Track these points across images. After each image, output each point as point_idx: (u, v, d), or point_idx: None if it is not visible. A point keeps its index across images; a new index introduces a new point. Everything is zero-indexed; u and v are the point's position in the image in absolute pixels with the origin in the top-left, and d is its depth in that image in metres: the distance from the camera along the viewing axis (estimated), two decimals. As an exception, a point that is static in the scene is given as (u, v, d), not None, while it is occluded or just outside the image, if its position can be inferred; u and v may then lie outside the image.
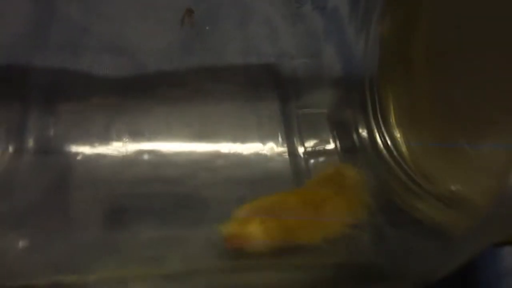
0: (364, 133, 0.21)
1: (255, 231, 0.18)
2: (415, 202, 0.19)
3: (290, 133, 0.21)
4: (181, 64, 0.22)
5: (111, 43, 0.22)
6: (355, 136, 0.21)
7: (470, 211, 0.17)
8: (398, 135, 0.20)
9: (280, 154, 0.21)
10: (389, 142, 0.20)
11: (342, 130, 0.21)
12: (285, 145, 0.21)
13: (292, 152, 0.21)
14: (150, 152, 0.21)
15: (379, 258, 0.18)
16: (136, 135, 0.21)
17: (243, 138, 0.21)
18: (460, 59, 0.18)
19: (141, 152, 0.21)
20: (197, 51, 0.22)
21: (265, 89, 0.22)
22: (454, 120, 0.19)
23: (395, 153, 0.20)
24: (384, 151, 0.21)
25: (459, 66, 0.18)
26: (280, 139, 0.21)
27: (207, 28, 0.22)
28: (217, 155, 0.21)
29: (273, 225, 0.18)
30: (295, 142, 0.21)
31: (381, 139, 0.21)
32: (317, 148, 0.21)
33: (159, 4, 0.22)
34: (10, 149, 0.20)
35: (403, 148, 0.20)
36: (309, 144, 0.21)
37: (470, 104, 0.18)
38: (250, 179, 0.21)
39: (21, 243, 0.18)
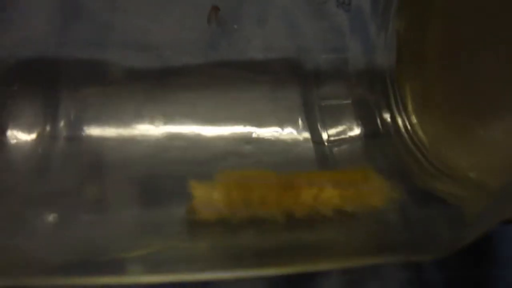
0: (387, 119, 0.23)
1: (216, 199, 0.19)
2: (433, 182, 0.20)
3: (313, 121, 0.23)
4: (206, 58, 0.23)
5: (137, 39, 0.23)
6: (378, 122, 0.23)
7: (484, 191, 0.19)
8: (415, 121, 0.22)
9: (305, 142, 0.22)
10: (408, 128, 0.22)
11: (366, 117, 0.23)
12: (310, 133, 0.22)
13: (317, 140, 0.22)
14: (181, 136, 0.22)
15: (402, 232, 0.19)
16: (166, 120, 0.22)
17: (269, 125, 0.22)
18: (470, 52, 0.20)
19: (172, 136, 0.22)
20: (221, 47, 0.23)
21: (288, 82, 0.23)
22: (465, 106, 0.20)
23: (414, 137, 0.22)
24: (406, 136, 0.22)
25: (469, 58, 0.20)
26: (303, 127, 0.23)
27: (235, 26, 0.23)
28: (245, 141, 0.22)
29: (238, 197, 0.19)
30: (319, 130, 0.23)
31: (402, 125, 0.22)
32: (341, 136, 0.23)
33: (182, 1, 0.23)
34: (47, 131, 0.21)
35: (420, 133, 0.22)
36: (333, 131, 0.23)
37: (481, 91, 0.19)
38: (277, 164, 0.22)
39: (58, 224, 0.19)
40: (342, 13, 0.23)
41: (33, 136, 0.21)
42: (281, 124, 0.23)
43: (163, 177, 0.21)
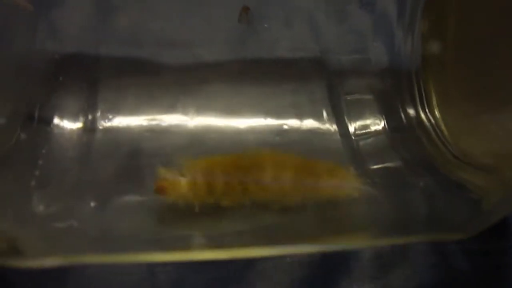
0: (411, 114, 0.24)
1: (181, 185, 0.19)
2: (456, 171, 0.21)
3: (340, 115, 0.24)
4: (236, 56, 0.24)
5: (169, 37, 0.24)
6: (403, 117, 0.24)
7: (502, 180, 0.20)
8: (438, 115, 0.23)
9: (333, 135, 0.23)
10: (432, 121, 0.23)
11: (390, 112, 0.24)
12: (337, 126, 0.24)
13: (344, 133, 0.24)
14: (214, 128, 0.23)
15: (427, 215, 0.21)
16: (199, 112, 0.23)
17: (297, 118, 0.24)
18: (486, 50, 0.21)
19: (206, 128, 0.23)
20: (249, 46, 0.24)
21: (314, 78, 0.25)
22: (483, 101, 0.22)
23: (437, 130, 0.23)
24: (429, 129, 0.23)
25: (481, 56, 0.22)
26: (331, 120, 0.24)
27: (265, 25, 0.24)
28: (276, 133, 0.23)
29: (201, 183, 0.19)
30: (346, 123, 0.24)
31: (426, 119, 0.24)
32: (367, 129, 0.24)
33: (211, 2, 0.24)
34: (88, 122, 0.22)
35: (442, 126, 0.23)
36: (358, 125, 0.24)
37: (497, 86, 0.21)
38: (308, 155, 0.23)
39: (101, 209, 0.20)
40: (365, 14, 0.25)
41: (76, 126, 0.22)
42: (309, 117, 0.24)
43: None
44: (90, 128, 0.22)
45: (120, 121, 0.22)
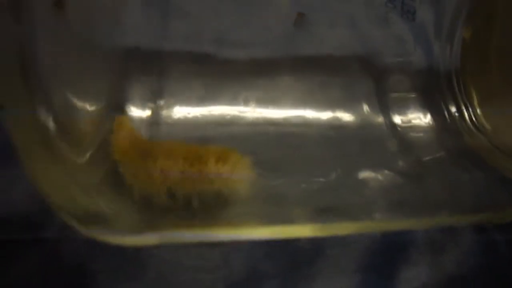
0: (454, 112, 0.26)
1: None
2: (499, 161, 0.24)
3: (387, 110, 0.26)
4: (287, 54, 0.26)
5: (226, 37, 0.25)
6: (446, 113, 0.26)
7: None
8: (479, 112, 0.25)
9: (382, 127, 0.25)
10: (473, 118, 0.25)
11: (433, 109, 0.26)
12: (385, 120, 0.25)
13: (392, 126, 0.25)
14: (275, 119, 0.25)
15: (472, 201, 0.23)
16: (260, 104, 0.25)
17: (348, 112, 0.25)
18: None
19: (266, 119, 0.24)
20: (299, 45, 0.26)
21: (360, 76, 0.26)
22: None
23: (479, 126, 0.25)
24: (471, 125, 0.25)
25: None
26: (379, 114, 0.25)
27: (319, 28, 0.26)
28: (330, 126, 0.25)
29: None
30: (393, 118, 0.26)
31: (468, 116, 0.26)
32: (412, 124, 0.26)
33: (263, 4, 0.26)
34: (156, 112, 0.23)
35: (484, 122, 0.25)
36: (404, 120, 0.26)
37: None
38: (360, 144, 0.25)
39: None
40: (406, 22, 0.26)
41: (143, 115, 0.22)
42: (359, 111, 0.25)
43: (260, 153, 0.22)
44: (156, 120, 0.23)
45: (187, 112, 0.24)
